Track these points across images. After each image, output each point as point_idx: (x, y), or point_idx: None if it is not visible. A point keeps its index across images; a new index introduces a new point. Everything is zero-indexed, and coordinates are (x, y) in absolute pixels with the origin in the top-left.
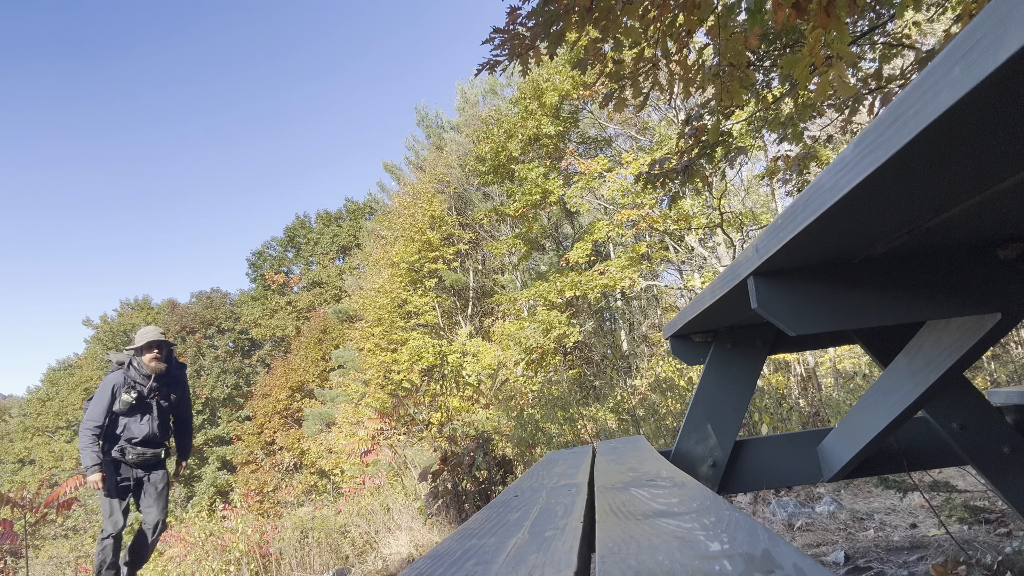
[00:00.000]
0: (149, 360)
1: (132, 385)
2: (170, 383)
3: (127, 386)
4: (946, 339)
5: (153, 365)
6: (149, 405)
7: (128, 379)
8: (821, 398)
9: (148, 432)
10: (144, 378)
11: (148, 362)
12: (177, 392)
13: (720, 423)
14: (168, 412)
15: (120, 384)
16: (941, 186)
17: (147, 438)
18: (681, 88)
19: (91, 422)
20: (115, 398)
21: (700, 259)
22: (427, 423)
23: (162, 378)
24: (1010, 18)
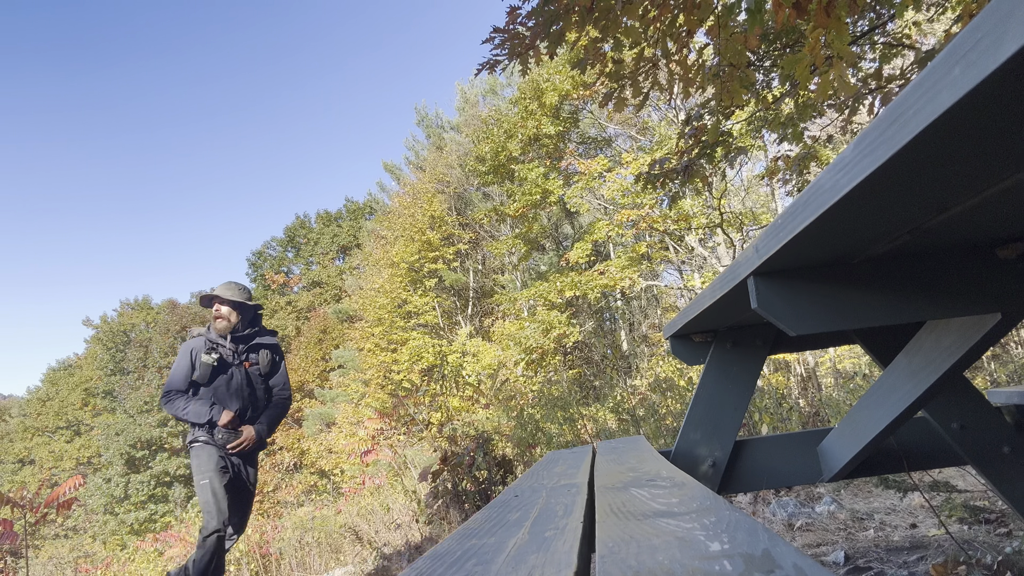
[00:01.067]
0: (213, 319)
1: (213, 347)
2: (258, 347)
3: (207, 348)
4: (946, 339)
5: (217, 325)
6: (238, 368)
7: (208, 341)
8: (821, 398)
9: (240, 405)
10: (223, 339)
11: (213, 321)
12: (267, 357)
13: (720, 423)
14: (261, 380)
15: (200, 347)
16: (941, 186)
17: (240, 412)
18: (681, 88)
19: (172, 390)
20: (195, 363)
21: (700, 259)
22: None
23: (244, 342)
24: (1010, 18)
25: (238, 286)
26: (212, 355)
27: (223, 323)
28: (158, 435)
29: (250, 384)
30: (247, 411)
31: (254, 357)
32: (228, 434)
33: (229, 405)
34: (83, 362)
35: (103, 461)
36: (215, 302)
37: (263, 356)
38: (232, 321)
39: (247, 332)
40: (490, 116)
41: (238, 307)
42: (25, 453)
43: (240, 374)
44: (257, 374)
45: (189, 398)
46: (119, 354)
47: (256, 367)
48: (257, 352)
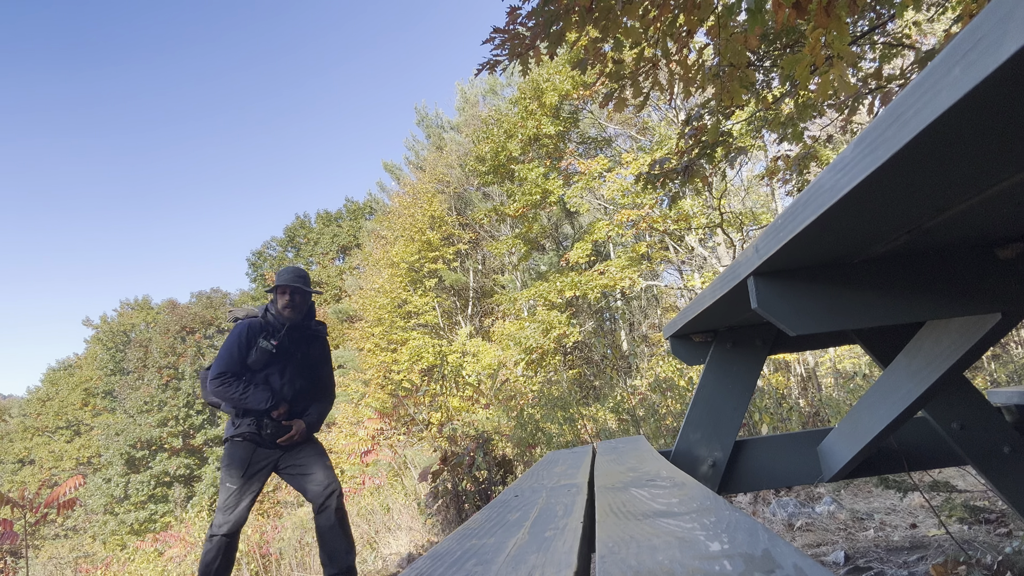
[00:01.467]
0: (283, 307)
1: (271, 332)
2: (309, 338)
3: (265, 332)
4: (946, 339)
5: (287, 313)
6: (290, 358)
7: (266, 324)
8: (821, 398)
9: (291, 393)
10: (282, 327)
11: (282, 309)
12: (317, 350)
13: (720, 423)
14: (310, 372)
15: (257, 330)
16: (941, 186)
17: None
18: (681, 88)
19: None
20: (251, 345)
21: (700, 259)
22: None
23: (299, 331)
24: (1010, 18)
25: (305, 274)
26: (271, 341)
27: (293, 313)
28: (158, 435)
29: (301, 375)
30: (294, 403)
31: (306, 348)
32: (276, 427)
33: (280, 394)
34: (83, 362)
35: (103, 461)
36: (287, 290)
37: (315, 348)
38: (302, 312)
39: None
40: (490, 116)
41: (308, 297)
42: (25, 453)
43: (292, 364)
44: (307, 365)
45: (245, 383)
46: (119, 354)
47: (307, 358)
48: (310, 344)
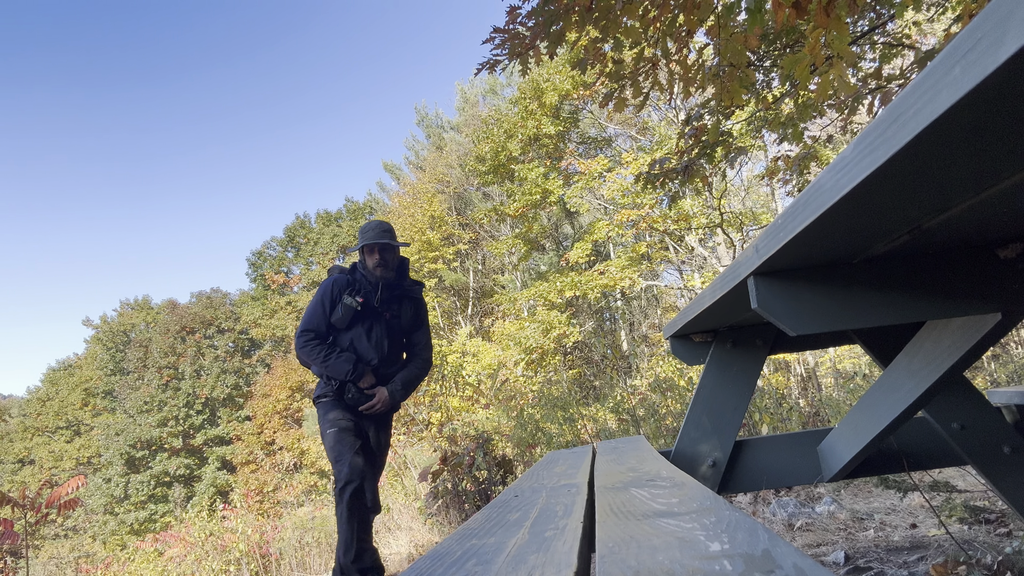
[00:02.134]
0: (373, 267)
1: (358, 289)
2: (400, 298)
3: (351, 289)
4: (946, 339)
5: (378, 273)
6: (379, 318)
7: (353, 281)
8: (821, 398)
9: (377, 360)
10: (372, 286)
11: (373, 269)
12: (410, 312)
13: (720, 423)
14: (401, 335)
15: (343, 285)
16: (941, 186)
17: (378, 364)
18: (681, 88)
19: (310, 330)
20: (336, 303)
21: (700, 259)
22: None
23: (390, 290)
24: (1010, 18)
25: (390, 228)
26: (356, 297)
27: (384, 271)
28: (158, 435)
29: (389, 337)
30: (381, 367)
31: (397, 308)
32: (359, 394)
33: (366, 357)
34: (83, 362)
35: (103, 461)
36: (375, 248)
37: (407, 309)
38: (393, 269)
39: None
40: (490, 116)
41: (398, 252)
42: (25, 453)
43: (381, 325)
44: (398, 327)
45: (330, 346)
46: (119, 354)
47: (397, 320)
48: (401, 303)
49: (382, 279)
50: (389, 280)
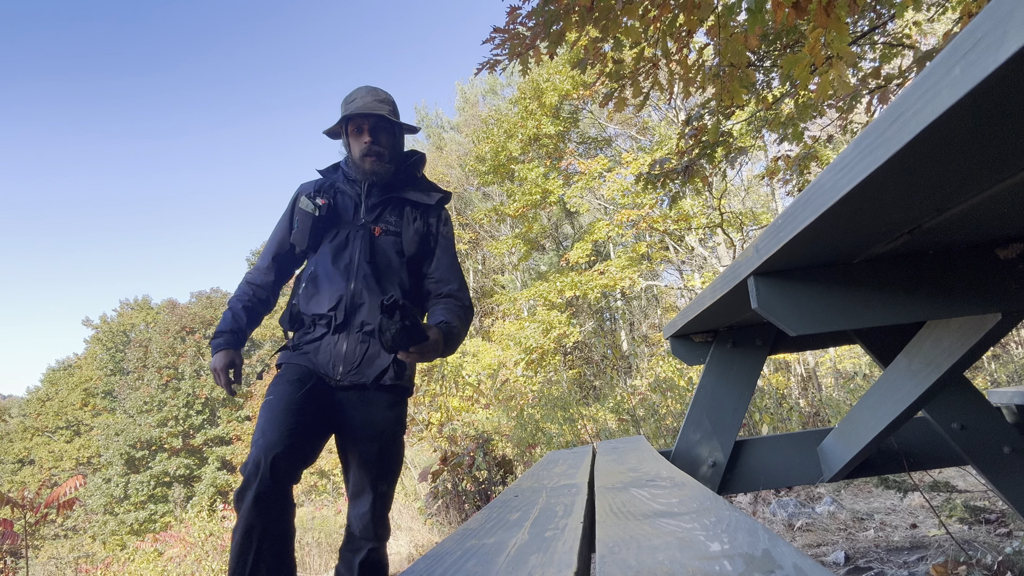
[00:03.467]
0: (361, 156)
1: (329, 189)
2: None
3: (321, 192)
4: (946, 339)
5: (368, 165)
6: (359, 232)
7: (327, 184)
8: (821, 398)
9: (345, 294)
10: (354, 185)
11: (360, 158)
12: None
13: (720, 423)
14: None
15: (309, 188)
16: (941, 186)
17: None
18: (681, 88)
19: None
20: (294, 217)
21: (700, 259)
22: (427, 423)
23: (390, 191)
24: (1010, 18)
25: (388, 97)
26: (317, 199)
27: (378, 164)
28: (158, 435)
29: (373, 260)
30: (359, 306)
31: (396, 221)
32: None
33: (327, 289)
34: (83, 362)
35: (103, 461)
36: (365, 122)
37: (414, 224)
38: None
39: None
40: (490, 116)
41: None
42: (25, 453)
43: (362, 242)
44: (394, 251)
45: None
46: (119, 354)
47: (396, 238)
48: (403, 214)
49: (374, 176)
50: (385, 178)
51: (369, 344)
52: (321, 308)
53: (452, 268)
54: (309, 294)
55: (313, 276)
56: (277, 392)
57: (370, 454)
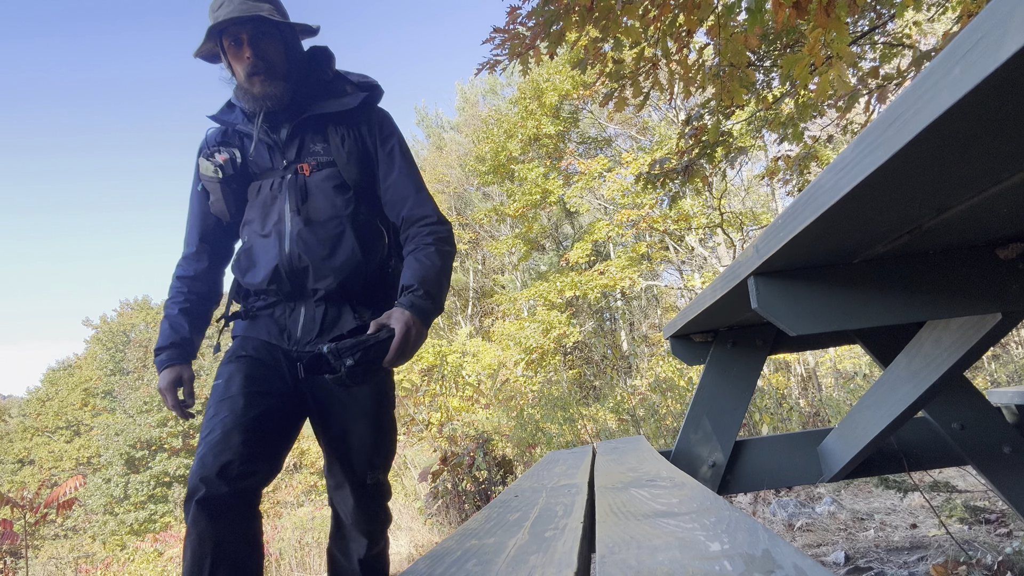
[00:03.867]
0: (245, 75)
1: (234, 137)
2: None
3: (223, 143)
4: (946, 339)
5: (257, 88)
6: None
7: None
8: (821, 398)
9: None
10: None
11: (244, 80)
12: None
13: (720, 423)
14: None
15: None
16: (941, 186)
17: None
18: (681, 88)
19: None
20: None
21: (700, 259)
22: (427, 423)
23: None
24: (1010, 18)
25: None
26: (216, 156)
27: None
28: (158, 435)
29: (305, 210)
30: (302, 270)
31: (321, 149)
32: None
33: (262, 259)
34: (83, 362)
35: (103, 461)
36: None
37: (341, 141)
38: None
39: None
40: (490, 116)
41: (278, 37)
42: (25, 453)
43: (289, 189)
44: (333, 184)
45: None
46: (119, 354)
47: (328, 169)
48: (324, 135)
49: (267, 100)
50: (284, 99)
51: (326, 308)
52: (259, 282)
53: (404, 182)
54: (244, 267)
55: (247, 248)
56: (228, 373)
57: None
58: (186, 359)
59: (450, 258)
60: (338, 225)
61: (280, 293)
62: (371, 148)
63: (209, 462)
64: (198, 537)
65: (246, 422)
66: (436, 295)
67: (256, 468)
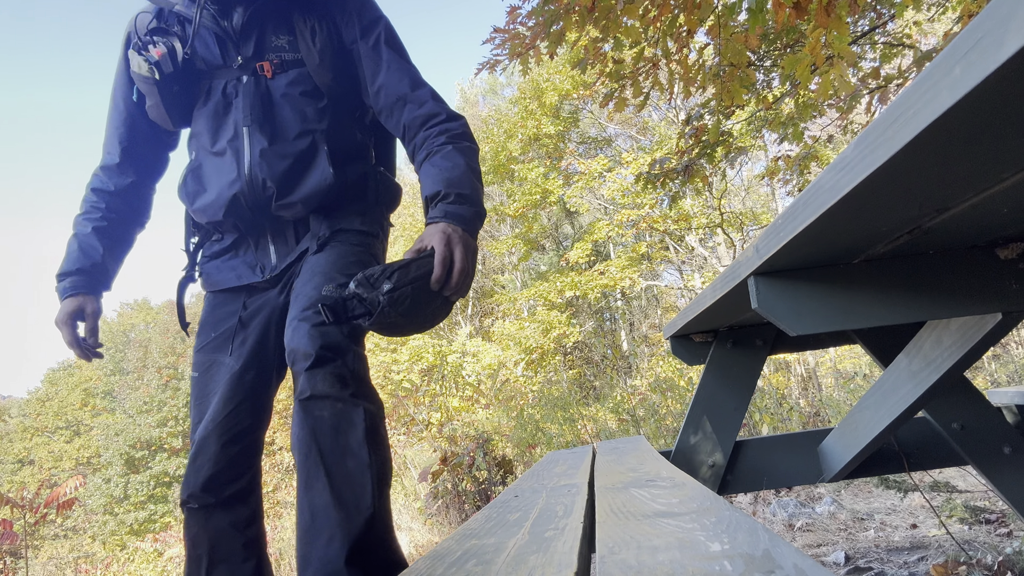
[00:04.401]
0: None
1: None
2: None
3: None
4: (946, 339)
5: None
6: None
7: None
8: (821, 398)
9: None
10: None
11: None
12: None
13: (720, 423)
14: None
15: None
16: (941, 186)
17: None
18: (681, 88)
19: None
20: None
21: (700, 259)
22: (427, 423)
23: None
24: (1011, 18)
25: None
26: (151, 51)
27: None
28: (157, 435)
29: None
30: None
31: (286, 43)
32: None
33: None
34: (83, 362)
35: (102, 461)
36: None
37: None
38: None
39: None
40: (490, 116)
41: None
42: (24, 453)
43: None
44: (301, 89)
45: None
46: (119, 354)
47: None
48: (289, 26)
49: None
50: None
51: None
52: (213, 214)
53: (396, 80)
54: (191, 192)
55: (194, 167)
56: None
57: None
58: (94, 289)
59: (473, 155)
60: (309, 143)
61: (240, 227)
62: (348, 43)
63: (191, 480)
64: (192, 541)
65: (223, 422)
66: (471, 195)
67: (240, 471)
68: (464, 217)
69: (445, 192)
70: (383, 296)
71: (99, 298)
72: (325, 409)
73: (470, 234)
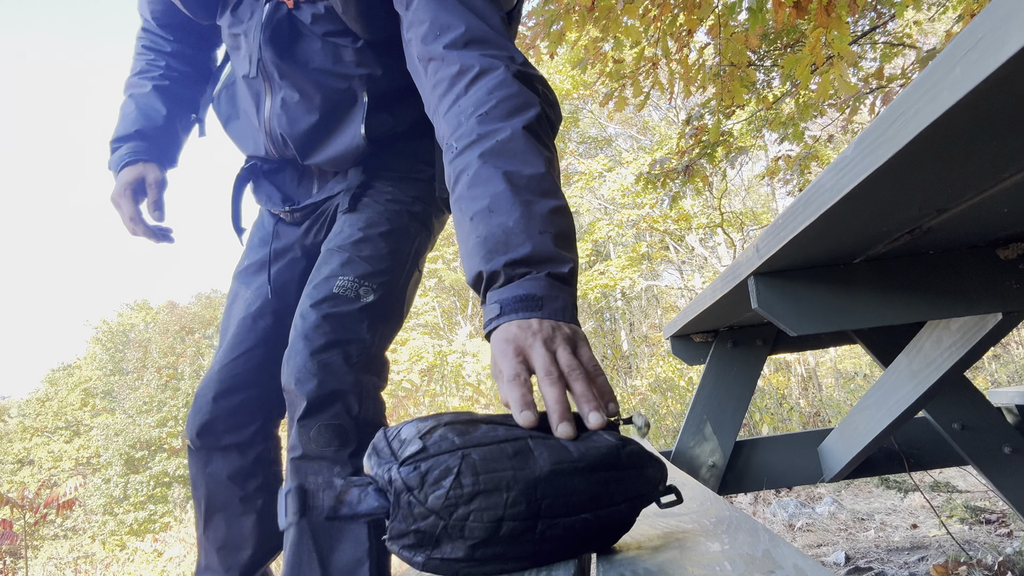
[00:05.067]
0: None
1: None
2: None
3: None
4: (947, 339)
5: None
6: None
7: None
8: (822, 398)
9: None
10: None
11: None
12: None
13: (720, 423)
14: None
15: None
16: (941, 186)
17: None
18: (682, 87)
19: None
20: None
21: (700, 259)
22: None
23: None
24: (1011, 18)
25: None
26: None
27: None
28: (157, 436)
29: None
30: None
31: None
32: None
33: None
34: (82, 363)
35: (102, 461)
36: None
37: None
38: None
39: None
40: None
41: None
42: (24, 453)
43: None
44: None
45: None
46: (118, 354)
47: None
48: None
49: None
50: None
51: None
52: (243, 147)
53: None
54: (225, 114)
55: (230, 82)
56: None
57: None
58: (157, 157)
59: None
60: (343, 92)
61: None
62: None
63: (190, 423)
64: (192, 481)
65: (220, 371)
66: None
67: (241, 422)
68: (536, 299)
69: (491, 272)
70: (436, 500)
71: (161, 167)
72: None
73: (561, 317)
